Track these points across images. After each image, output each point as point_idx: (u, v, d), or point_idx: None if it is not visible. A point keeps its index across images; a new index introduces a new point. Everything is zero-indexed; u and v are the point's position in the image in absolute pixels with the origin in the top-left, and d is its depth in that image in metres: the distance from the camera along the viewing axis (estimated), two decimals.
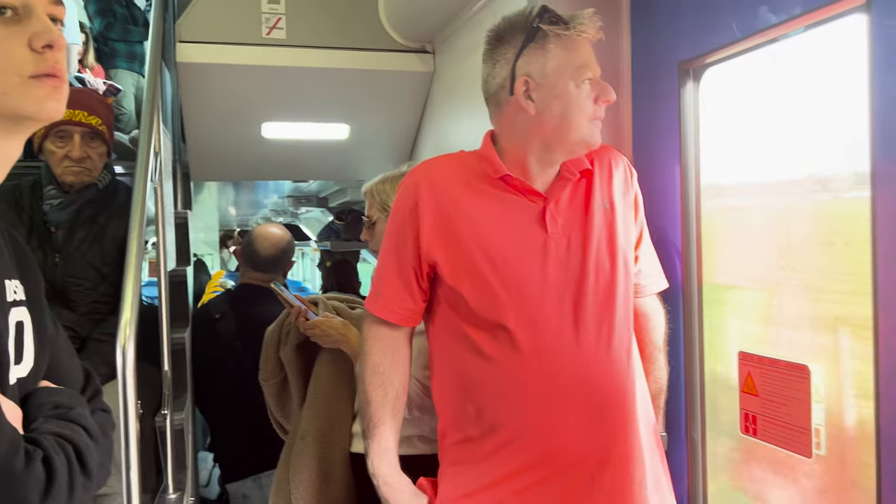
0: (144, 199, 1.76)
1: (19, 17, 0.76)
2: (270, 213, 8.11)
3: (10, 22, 0.76)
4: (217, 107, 2.73)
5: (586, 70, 1.23)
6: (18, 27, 0.76)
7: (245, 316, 2.72)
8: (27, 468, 0.70)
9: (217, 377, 2.73)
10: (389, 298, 1.35)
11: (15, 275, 0.84)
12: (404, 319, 1.36)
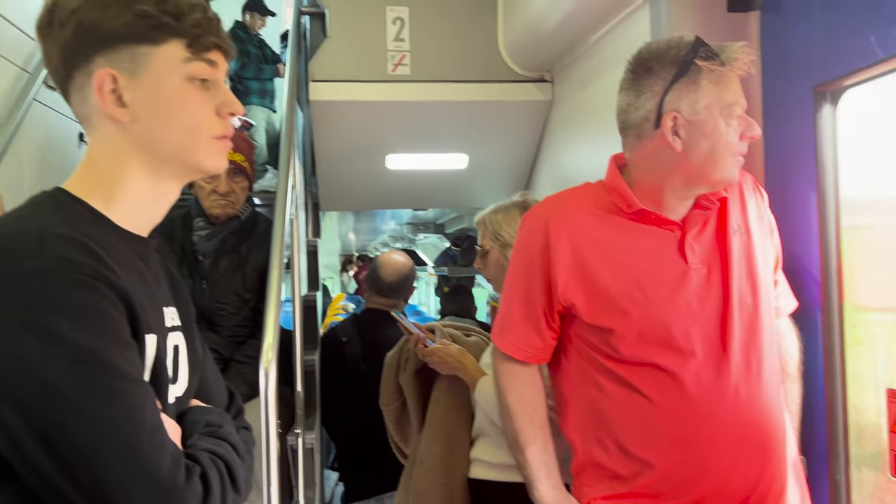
0: (283, 230, 1.88)
1: (208, 87, 0.87)
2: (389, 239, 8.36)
3: (204, 90, 0.86)
4: (345, 141, 2.88)
5: (736, 106, 1.20)
6: (209, 94, 0.87)
7: (370, 339, 2.82)
8: (187, 482, 0.77)
9: (343, 398, 2.84)
10: (517, 336, 1.35)
11: (171, 302, 0.94)
12: (532, 357, 1.36)
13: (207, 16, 0.86)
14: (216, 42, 0.87)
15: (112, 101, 0.83)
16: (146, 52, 0.83)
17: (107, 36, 0.82)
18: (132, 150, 0.85)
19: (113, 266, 0.77)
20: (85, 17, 0.81)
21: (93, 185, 0.86)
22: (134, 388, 0.75)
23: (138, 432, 0.73)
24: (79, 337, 0.71)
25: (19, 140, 2.07)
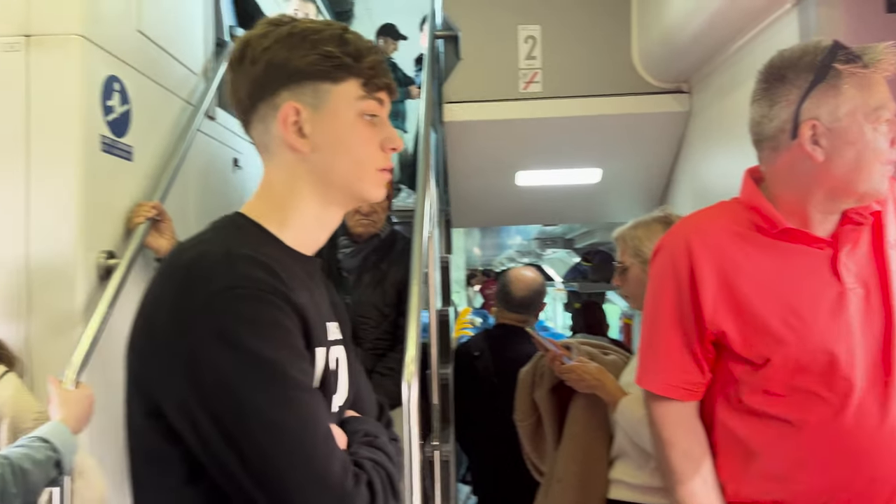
0: (421, 247, 1.94)
1: (375, 123, 0.94)
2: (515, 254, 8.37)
3: (372, 126, 0.93)
4: (476, 159, 2.93)
5: (884, 110, 1.11)
6: (376, 130, 0.94)
7: (501, 355, 2.84)
8: (355, 488, 0.81)
9: (475, 413, 2.87)
10: (671, 373, 1.25)
11: (333, 317, 1.00)
12: (691, 394, 1.26)
13: (380, 58, 0.93)
14: (386, 83, 0.94)
15: (294, 132, 0.91)
16: (327, 88, 0.91)
17: (293, 73, 0.90)
18: (307, 177, 0.93)
19: (289, 283, 0.84)
20: (275, 55, 0.90)
21: (269, 210, 0.94)
22: (308, 398, 0.81)
23: (313, 439, 0.79)
24: (262, 349, 0.78)
25: (185, 166, 2.28)
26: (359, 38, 0.93)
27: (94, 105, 1.83)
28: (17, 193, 1.73)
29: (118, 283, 1.80)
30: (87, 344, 1.65)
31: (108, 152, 1.89)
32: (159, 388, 0.81)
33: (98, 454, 1.68)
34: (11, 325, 1.71)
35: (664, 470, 1.29)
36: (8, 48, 1.75)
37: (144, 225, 1.97)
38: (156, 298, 0.84)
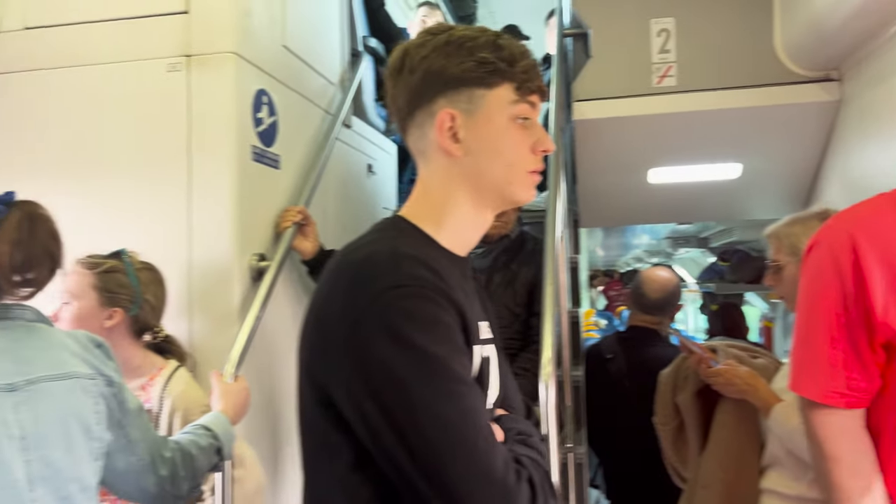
0: (554, 247, 1.93)
1: (527, 126, 0.96)
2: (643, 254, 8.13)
3: (524, 129, 0.95)
4: (607, 157, 2.88)
5: None
6: (527, 132, 0.96)
7: (634, 357, 2.78)
8: (517, 484, 0.83)
9: (607, 416, 2.82)
10: (833, 379, 1.15)
11: (484, 317, 1.02)
12: (857, 402, 1.15)
13: (533, 62, 0.95)
14: (539, 86, 0.96)
15: (449, 137, 0.94)
16: (481, 94, 0.94)
17: (450, 80, 0.93)
18: (460, 181, 0.96)
19: (449, 282, 0.87)
20: (432, 63, 0.93)
21: (425, 213, 0.98)
22: (470, 392, 0.84)
23: (475, 433, 0.81)
24: (426, 343, 0.81)
25: (325, 173, 2.39)
26: (512, 42, 0.95)
27: (246, 117, 1.96)
28: (181, 202, 1.89)
29: (269, 283, 1.92)
30: (244, 340, 1.77)
31: (259, 161, 2.02)
32: (330, 380, 0.86)
33: (253, 443, 1.80)
34: (179, 323, 1.87)
35: (827, 487, 1.19)
36: (171, 68, 1.91)
37: (291, 229, 2.09)
38: (327, 295, 0.90)
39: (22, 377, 1.02)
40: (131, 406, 1.21)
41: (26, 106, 2.00)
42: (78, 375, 1.10)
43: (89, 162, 1.95)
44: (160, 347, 1.77)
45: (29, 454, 1.00)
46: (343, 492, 0.89)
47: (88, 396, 1.10)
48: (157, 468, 1.25)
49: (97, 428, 1.11)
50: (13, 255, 1.00)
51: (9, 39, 2.02)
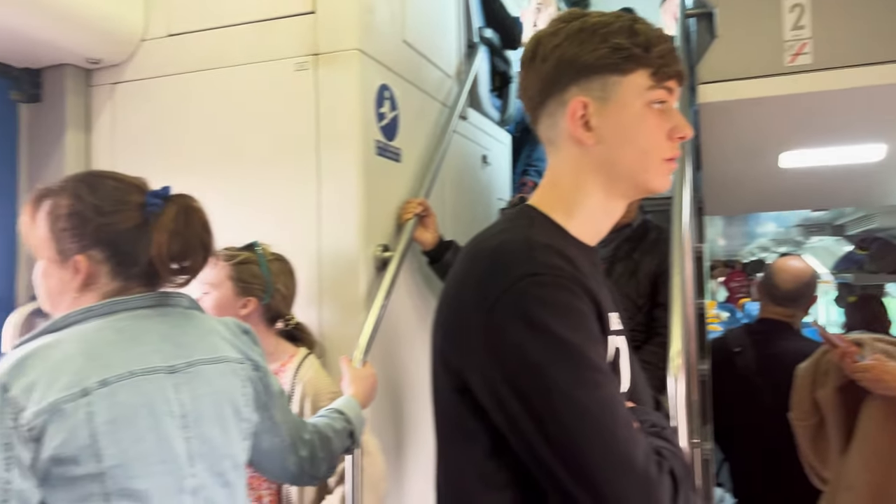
0: (682, 236, 1.87)
1: (663, 111, 0.93)
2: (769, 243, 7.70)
3: (659, 115, 0.93)
4: (734, 142, 2.75)
5: None
6: (663, 118, 0.93)
7: (765, 351, 2.64)
8: (659, 475, 0.81)
9: (734, 412, 2.70)
10: None
11: (614, 308, 1.00)
12: None
13: (670, 46, 0.92)
14: (677, 70, 0.93)
15: (581, 126, 0.93)
16: (615, 81, 0.92)
17: (583, 68, 0.92)
18: (591, 169, 0.95)
19: (583, 271, 0.86)
20: (566, 51, 0.93)
21: (556, 202, 0.97)
22: (607, 382, 0.83)
23: (614, 422, 0.80)
24: (565, 332, 0.81)
25: (443, 165, 2.42)
26: (649, 27, 0.93)
27: (370, 113, 2.02)
28: (310, 196, 1.97)
29: (393, 273, 1.97)
30: (371, 328, 1.83)
31: (381, 155, 2.08)
32: (466, 367, 0.88)
33: (377, 430, 1.86)
34: (309, 312, 1.95)
35: None
36: (299, 67, 1.99)
37: (413, 220, 2.13)
38: (461, 284, 0.91)
39: (181, 360, 1.10)
40: (275, 389, 1.28)
41: (168, 108, 2.15)
42: (229, 360, 1.17)
43: (226, 159, 2.07)
44: (291, 335, 1.85)
45: (188, 431, 1.07)
46: (479, 477, 0.90)
47: (238, 379, 1.18)
48: (298, 449, 1.31)
49: (246, 409, 1.18)
50: (170, 244, 1.08)
51: (154, 47, 2.17)
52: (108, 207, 1.08)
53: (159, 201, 1.10)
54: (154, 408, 1.03)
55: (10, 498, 0.90)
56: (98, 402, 0.97)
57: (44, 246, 1.09)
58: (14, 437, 0.91)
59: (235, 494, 1.15)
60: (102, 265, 1.08)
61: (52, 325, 1.04)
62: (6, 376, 0.94)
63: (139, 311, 1.09)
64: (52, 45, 2.05)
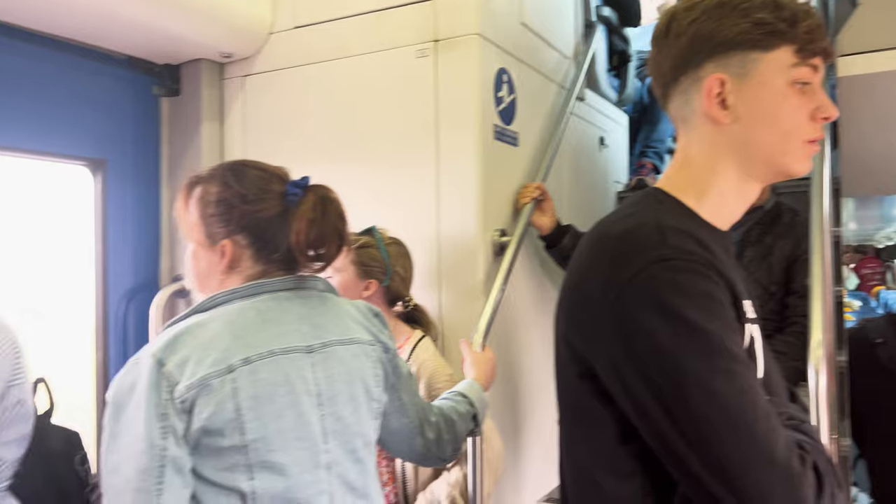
0: (822, 219, 1.76)
1: (806, 90, 0.88)
2: None
3: (802, 94, 0.88)
4: (878, 117, 2.55)
5: None
6: (806, 98, 0.88)
7: None
8: (802, 470, 0.77)
9: (874, 406, 2.52)
10: None
11: (747, 295, 0.95)
12: None
13: (818, 21, 0.87)
14: (823, 47, 0.87)
15: (716, 104, 0.89)
16: (756, 57, 0.88)
17: (720, 43, 0.88)
18: (726, 150, 0.91)
19: (718, 257, 0.83)
20: (702, 26, 0.89)
21: (686, 184, 0.94)
22: (745, 371, 0.79)
23: (754, 413, 0.77)
24: (699, 319, 0.78)
25: (560, 148, 2.39)
26: (793, 1, 0.87)
27: (489, 97, 2.02)
28: (429, 181, 2.00)
29: (511, 258, 1.97)
30: (490, 312, 1.83)
31: (499, 139, 2.07)
32: (593, 353, 0.86)
33: (493, 414, 1.87)
34: (428, 296, 1.99)
35: None
36: (420, 54, 2.01)
37: (530, 205, 2.12)
38: (587, 269, 0.89)
39: (317, 340, 1.15)
40: (403, 371, 1.31)
41: (294, 98, 2.24)
42: (361, 341, 1.21)
43: (348, 146, 2.13)
44: (409, 317, 1.89)
45: (323, 409, 1.12)
46: (606, 466, 0.89)
47: (369, 360, 1.21)
48: (425, 431, 1.34)
49: (376, 390, 1.22)
50: (308, 232, 1.12)
51: (281, 39, 2.26)
52: (252, 196, 1.13)
53: (299, 191, 1.15)
54: (292, 386, 1.09)
55: (167, 463, 0.97)
56: (242, 378, 1.03)
57: (194, 230, 1.17)
58: (169, 409, 0.99)
59: (366, 471, 1.19)
60: (246, 250, 1.14)
61: (200, 306, 1.12)
62: (162, 352, 1.01)
63: (279, 293, 1.15)
64: (189, 42, 2.17)
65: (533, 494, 2.24)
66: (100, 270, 2.18)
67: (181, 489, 0.99)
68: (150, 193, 2.32)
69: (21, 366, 1.26)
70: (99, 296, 2.18)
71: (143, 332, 2.24)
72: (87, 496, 1.50)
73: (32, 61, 1.98)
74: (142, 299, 2.27)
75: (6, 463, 1.25)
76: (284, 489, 1.05)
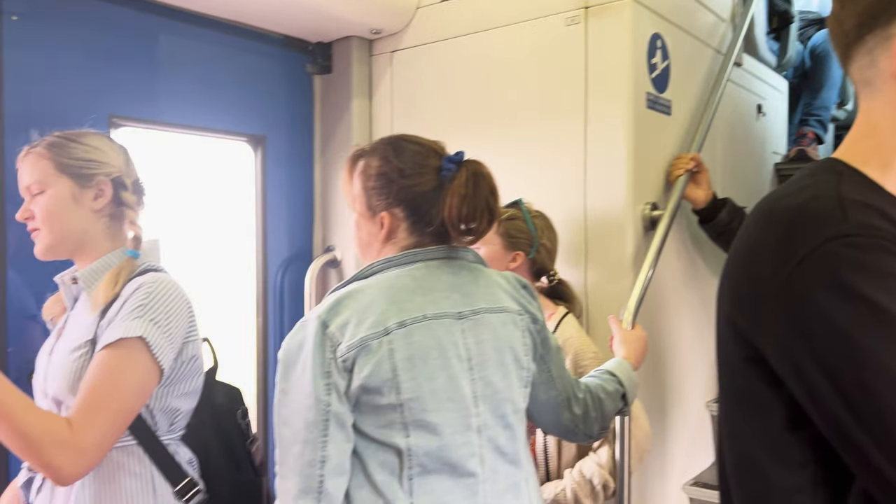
0: None
1: None
2: None
3: None
4: None
5: None
6: None
7: None
8: None
9: None
10: None
11: None
12: None
13: None
14: None
15: None
16: None
17: None
18: None
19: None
20: None
21: (869, 154, 0.85)
22: None
23: None
24: (884, 299, 0.71)
25: (715, 117, 2.25)
26: None
27: (641, 64, 1.93)
28: (577, 152, 1.95)
29: (663, 233, 1.89)
30: (640, 289, 1.77)
31: (652, 108, 1.98)
32: (760, 335, 0.81)
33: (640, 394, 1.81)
34: (573, 271, 1.95)
35: None
36: (570, 22, 1.96)
37: (684, 177, 2.02)
38: (755, 246, 0.83)
39: (467, 308, 1.17)
40: (552, 344, 1.30)
41: (441, 72, 2.25)
42: (510, 310, 1.22)
43: (494, 118, 2.12)
44: (553, 292, 1.86)
45: (473, 374, 1.14)
46: (772, 454, 0.83)
47: (518, 329, 1.22)
48: (572, 406, 1.33)
49: (525, 358, 1.22)
50: (460, 207, 1.14)
51: (428, 13, 2.28)
52: (410, 170, 1.17)
53: (453, 166, 1.17)
54: (444, 349, 1.12)
55: (330, 418, 1.04)
56: (397, 340, 1.08)
57: (357, 201, 1.22)
58: (332, 367, 1.05)
59: (516, 437, 1.20)
60: (402, 222, 1.18)
61: (359, 273, 1.18)
62: (326, 315, 1.08)
63: (432, 262, 1.18)
64: (342, 20, 2.24)
65: (679, 479, 2.17)
66: (260, 241, 2.32)
67: (344, 443, 1.06)
68: (304, 168, 2.44)
69: (195, 324, 1.37)
70: (259, 264, 2.32)
71: (297, 298, 2.37)
72: (248, 448, 1.60)
73: (201, 44, 2.12)
74: (296, 269, 2.39)
75: (181, 413, 1.37)
76: (438, 448, 1.09)
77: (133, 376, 1.21)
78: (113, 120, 1.90)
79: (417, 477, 1.09)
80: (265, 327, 2.31)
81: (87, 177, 1.35)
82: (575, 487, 1.61)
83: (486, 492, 1.14)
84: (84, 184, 1.34)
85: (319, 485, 1.03)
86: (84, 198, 1.34)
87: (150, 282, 1.29)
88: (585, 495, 1.61)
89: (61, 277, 1.41)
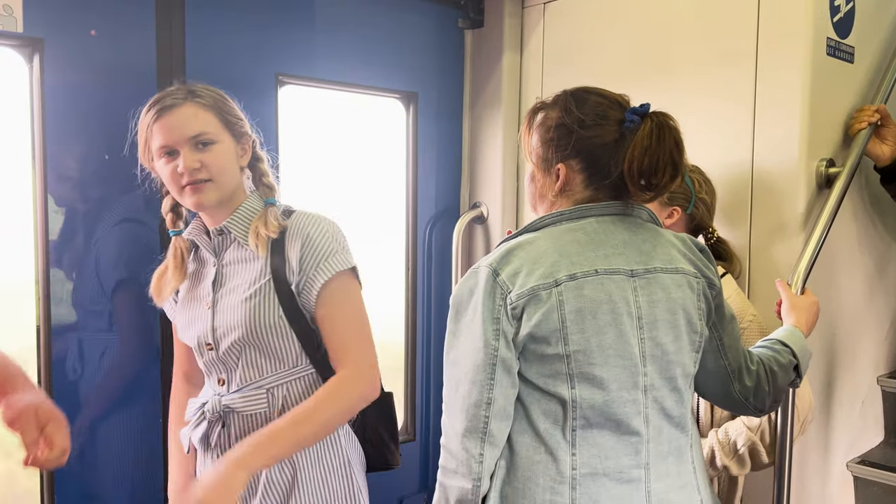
0: None
1: None
2: None
3: None
4: None
5: None
6: None
7: None
8: None
9: None
10: None
11: None
12: None
13: None
14: None
15: None
16: None
17: None
18: None
19: None
20: None
21: None
22: None
23: None
24: None
25: None
26: None
27: (823, 6, 1.77)
28: (745, 103, 1.83)
29: (840, 192, 1.74)
30: (812, 252, 1.65)
31: (832, 55, 1.81)
32: None
33: None
34: (735, 229, 1.85)
35: None
36: None
37: (866, 131, 1.84)
38: None
39: (641, 266, 1.13)
40: (726, 312, 1.24)
41: (596, 23, 2.17)
42: (685, 272, 1.17)
43: (654, 68, 2.02)
44: (710, 250, 1.76)
45: (643, 333, 1.11)
46: None
47: (693, 292, 1.17)
48: (742, 377, 1.27)
49: (698, 322, 1.17)
50: (641, 160, 1.09)
51: None
52: (590, 121, 1.14)
53: (637, 118, 1.12)
54: (615, 305, 1.10)
55: (497, 362, 1.07)
56: (567, 292, 1.08)
57: (533, 153, 1.21)
58: (501, 314, 1.07)
59: (683, 401, 1.16)
60: (579, 174, 1.16)
61: (530, 226, 1.17)
62: (497, 263, 1.10)
63: (605, 217, 1.15)
64: None
65: (844, 455, 2.03)
66: (410, 198, 2.37)
67: (509, 388, 1.08)
68: (453, 124, 2.45)
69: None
70: (409, 220, 2.37)
71: (444, 253, 2.41)
72: None
73: (358, 1, 2.15)
74: (443, 225, 2.43)
75: None
76: (603, 402, 1.08)
77: (359, 296, 1.40)
78: (280, 78, 1.99)
79: (581, 430, 1.09)
80: (414, 279, 2.37)
81: (241, 134, 1.42)
82: (715, 446, 1.54)
83: (650, 452, 1.12)
84: (239, 140, 1.42)
85: (484, 426, 1.06)
86: (238, 153, 1.41)
87: (313, 219, 1.38)
88: (727, 455, 1.54)
89: (197, 235, 1.43)
